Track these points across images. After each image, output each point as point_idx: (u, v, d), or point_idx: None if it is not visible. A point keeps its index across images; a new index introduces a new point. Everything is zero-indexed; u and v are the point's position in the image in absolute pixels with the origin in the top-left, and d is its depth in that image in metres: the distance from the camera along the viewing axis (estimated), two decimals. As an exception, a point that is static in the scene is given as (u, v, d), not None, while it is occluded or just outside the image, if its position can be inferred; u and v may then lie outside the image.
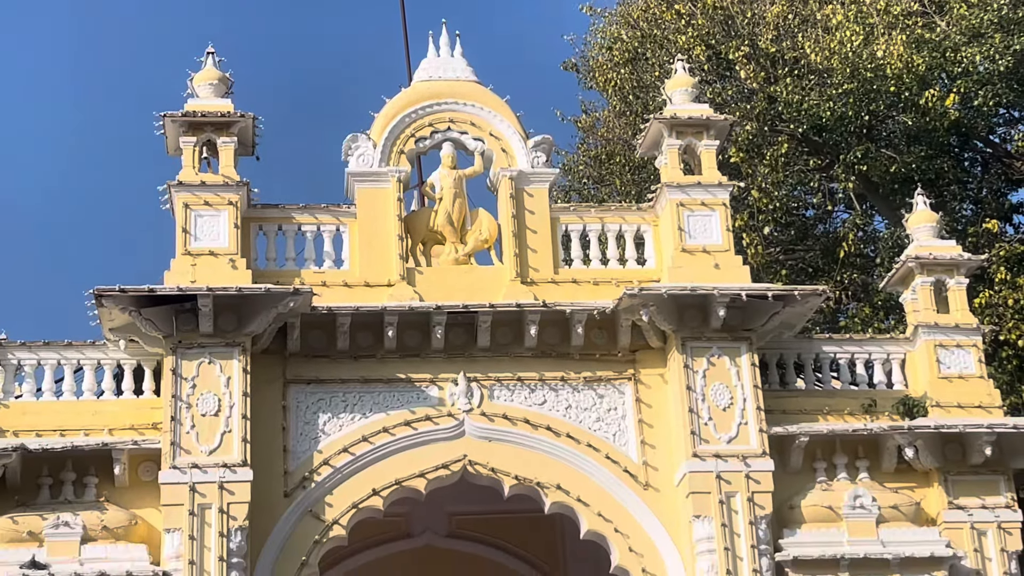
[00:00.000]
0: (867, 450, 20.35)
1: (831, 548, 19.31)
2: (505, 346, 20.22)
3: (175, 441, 18.73)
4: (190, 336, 19.14)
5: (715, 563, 18.95)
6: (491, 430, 19.93)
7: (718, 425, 19.68)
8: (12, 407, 19.49)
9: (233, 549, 18.37)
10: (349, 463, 19.53)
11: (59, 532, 18.31)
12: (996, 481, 20.30)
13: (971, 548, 19.86)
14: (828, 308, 27.74)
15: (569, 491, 19.72)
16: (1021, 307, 25.75)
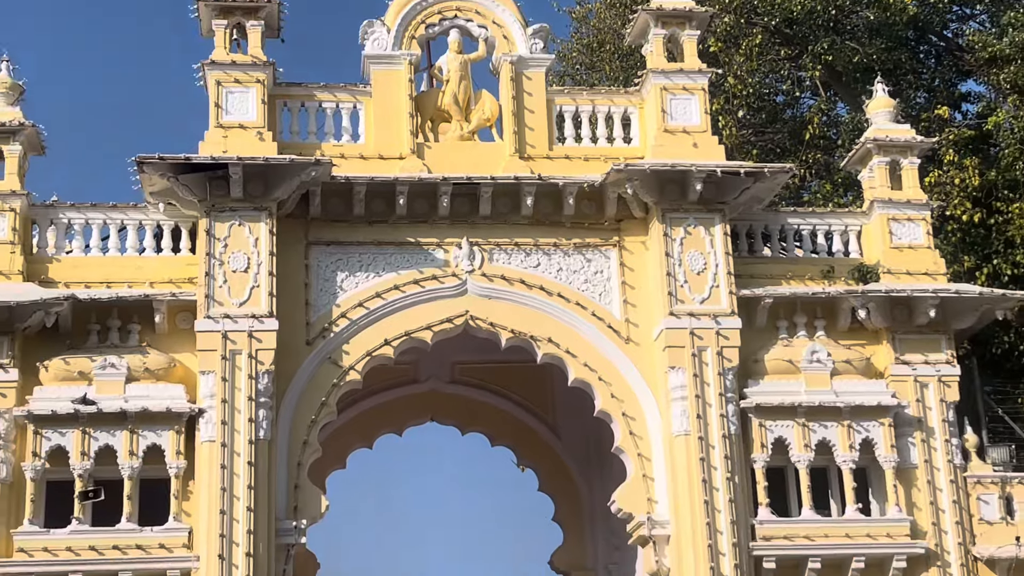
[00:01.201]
0: (824, 311, 20.70)
1: (790, 397, 19.75)
2: (504, 214, 20.45)
3: (209, 294, 19.05)
4: (222, 200, 19.36)
5: (687, 409, 19.38)
6: (490, 289, 20.23)
7: (692, 287, 20.00)
8: (63, 261, 19.79)
9: (261, 390, 18.79)
10: (364, 316, 19.86)
11: (106, 372, 18.71)
12: (938, 340, 20.68)
13: (914, 399, 20.26)
14: (794, 184, 27.82)
15: (559, 344, 20.09)
16: (966, 186, 25.86)
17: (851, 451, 19.70)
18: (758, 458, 19.63)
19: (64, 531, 18.18)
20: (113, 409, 18.49)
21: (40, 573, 18.02)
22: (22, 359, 18.90)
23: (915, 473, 20.02)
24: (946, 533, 19.76)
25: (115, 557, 18.15)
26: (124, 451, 18.44)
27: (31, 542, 18.10)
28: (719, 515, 19.01)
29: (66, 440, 18.40)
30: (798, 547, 19.35)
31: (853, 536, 19.54)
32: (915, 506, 19.86)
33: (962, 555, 19.70)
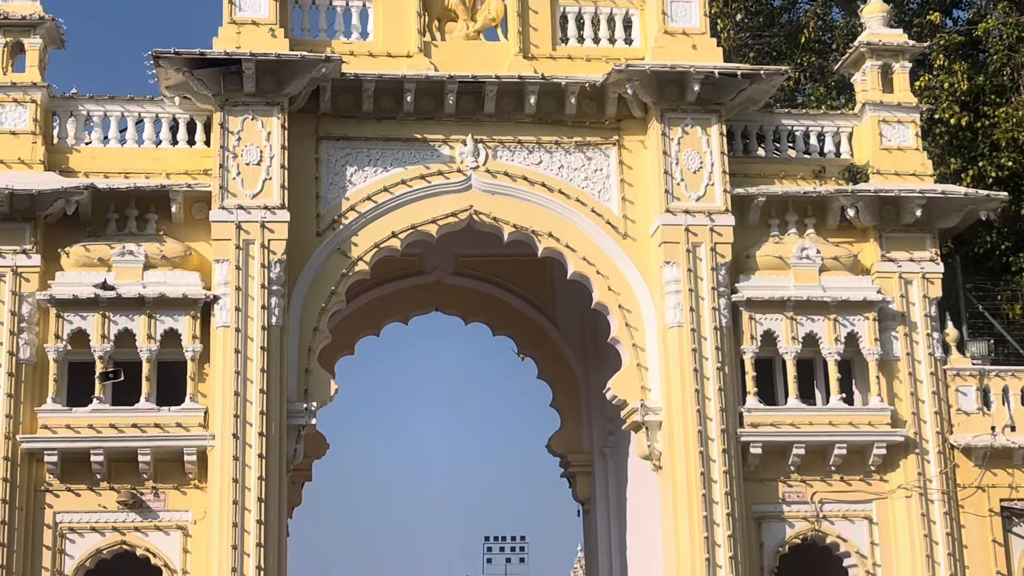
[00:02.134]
0: (815, 210, 20.46)
1: (779, 291, 19.61)
2: (508, 113, 20.12)
3: (223, 185, 18.83)
4: (235, 95, 19.05)
5: (680, 302, 19.27)
6: (494, 185, 19.99)
7: (688, 185, 19.78)
8: (83, 152, 19.53)
9: (273, 278, 18.66)
10: (372, 209, 19.66)
11: (125, 259, 18.59)
12: (923, 239, 20.49)
13: (898, 294, 20.14)
14: (788, 87, 27.49)
15: (559, 238, 19.92)
16: (955, 90, 25.62)
17: (836, 344, 19.61)
18: (747, 349, 19.56)
19: (86, 409, 18.21)
20: (132, 294, 18.38)
21: (63, 449, 18.03)
22: (44, 245, 18.75)
23: (897, 365, 19.97)
24: (925, 422, 19.77)
25: (134, 435, 18.19)
26: (142, 334, 18.38)
27: (54, 419, 18.14)
28: (709, 403, 19.00)
29: (87, 323, 18.35)
30: (783, 433, 19.37)
31: (836, 424, 19.54)
32: (896, 396, 19.85)
33: (940, 443, 19.71)
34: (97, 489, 18.24)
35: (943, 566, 19.20)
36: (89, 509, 18.24)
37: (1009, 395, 20.28)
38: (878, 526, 19.61)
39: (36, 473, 18.14)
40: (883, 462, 19.56)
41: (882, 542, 19.54)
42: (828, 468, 19.48)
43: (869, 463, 19.53)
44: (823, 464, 19.47)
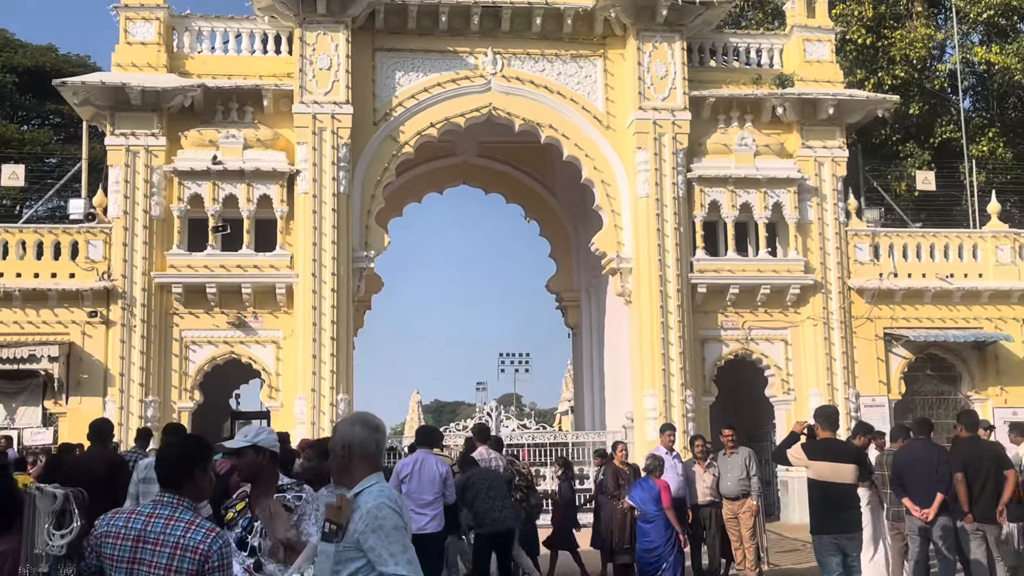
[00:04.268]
0: (752, 108, 20.46)
1: (723, 170, 19.75)
2: (520, 31, 19.97)
3: (302, 85, 18.85)
4: (311, 16, 18.94)
5: (648, 178, 19.44)
6: (508, 87, 19.99)
7: (656, 88, 19.74)
8: (196, 58, 19.52)
9: (340, 157, 18.81)
10: (415, 105, 19.71)
11: (229, 141, 18.73)
12: (834, 131, 20.51)
13: (814, 173, 20.27)
14: (735, 12, 27.20)
15: (557, 129, 20.01)
16: (862, 16, 25.41)
17: (765, 211, 19.82)
18: (698, 215, 19.75)
19: (202, 254, 18.56)
20: (234, 168, 18.58)
21: (186, 283, 18.44)
22: (168, 130, 18.88)
23: (811, 227, 20.21)
24: (829, 270, 20.09)
25: (238, 273, 18.55)
26: (243, 198, 18.63)
27: (179, 261, 18.51)
28: (668, 254, 19.29)
29: (201, 189, 18.59)
30: (723, 278, 19.70)
31: (763, 271, 19.87)
32: (809, 251, 20.13)
33: (840, 286, 20.06)
34: (211, 313, 18.69)
35: (839, 376, 19.74)
36: (206, 328, 18.73)
37: (894, 250, 20.55)
38: (791, 346, 20.07)
39: (166, 301, 18.59)
40: (797, 299, 19.93)
41: (794, 358, 20.03)
42: (755, 303, 19.86)
43: (786, 300, 19.91)
44: (752, 300, 19.84)
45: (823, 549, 8.08)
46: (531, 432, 21.93)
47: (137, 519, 3.49)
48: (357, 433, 3.79)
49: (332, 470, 3.89)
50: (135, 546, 3.43)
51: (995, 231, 20.93)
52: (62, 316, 18.29)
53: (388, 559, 3.50)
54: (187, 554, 3.39)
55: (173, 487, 3.59)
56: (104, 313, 18.27)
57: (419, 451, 10.01)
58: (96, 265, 18.41)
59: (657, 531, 10.56)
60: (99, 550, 3.50)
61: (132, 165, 18.61)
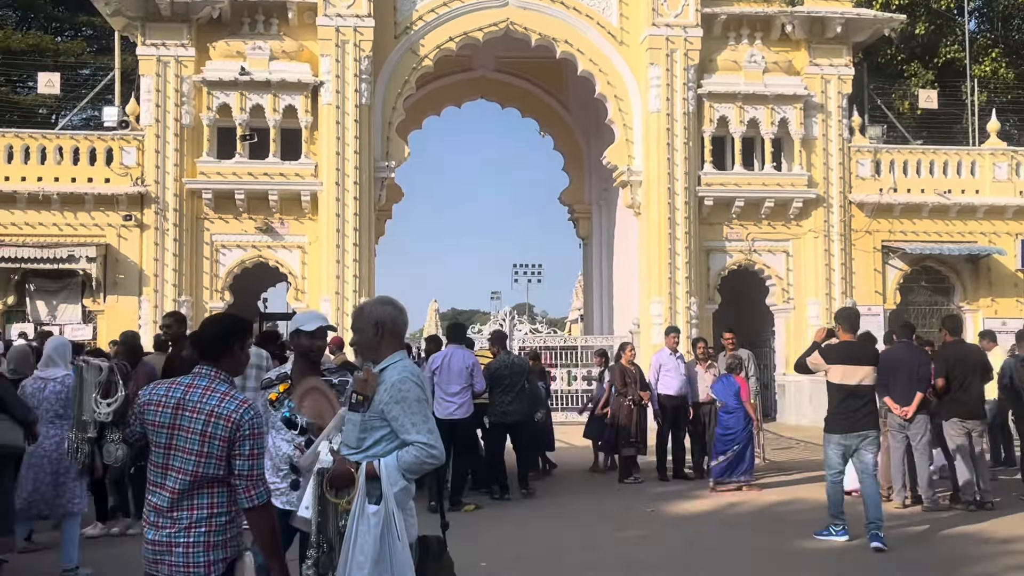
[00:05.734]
0: (762, 26, 20.06)
1: (733, 87, 19.49)
2: (537, -54, 19.63)
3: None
4: (334, -71, 18.60)
5: (660, 93, 19.23)
6: (526, 2, 19.59)
7: (669, 5, 19.35)
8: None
9: (363, 69, 18.64)
10: (434, 19, 19.43)
11: (255, 52, 18.55)
12: (841, 49, 20.14)
13: (820, 91, 19.98)
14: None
15: (572, 44, 19.72)
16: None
17: (772, 126, 19.61)
18: (707, 130, 19.57)
19: (230, 162, 18.55)
20: (261, 78, 18.43)
21: (215, 189, 18.47)
22: (197, 41, 18.69)
23: (815, 143, 20.01)
24: (832, 184, 19.96)
25: (265, 180, 18.57)
26: (269, 108, 18.53)
27: (209, 167, 18.52)
28: (676, 167, 19.19)
29: (229, 99, 18.48)
30: (729, 191, 19.60)
31: (768, 185, 19.75)
32: (812, 166, 19.97)
33: (842, 200, 19.95)
34: (240, 218, 18.76)
35: (837, 286, 19.78)
36: (235, 232, 18.82)
37: (894, 166, 20.38)
38: (793, 257, 20.07)
39: (197, 206, 18.66)
40: (799, 212, 19.85)
41: (795, 269, 20.04)
42: (760, 216, 19.79)
43: (789, 213, 19.82)
44: (756, 213, 19.77)
45: (830, 446, 8.16)
46: (542, 336, 22.12)
47: (176, 389, 3.63)
48: (388, 312, 3.89)
49: (361, 346, 3.99)
50: (175, 412, 3.58)
51: (993, 149, 20.69)
52: (98, 219, 18.41)
53: (410, 428, 3.63)
54: (220, 421, 3.53)
55: (211, 360, 3.73)
56: (138, 217, 18.38)
57: (449, 346, 10.34)
58: (130, 171, 18.45)
59: (736, 420, 11.17)
60: (142, 417, 3.65)
61: (163, 75, 18.49)
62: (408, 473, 3.62)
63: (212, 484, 3.55)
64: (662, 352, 12.57)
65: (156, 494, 3.55)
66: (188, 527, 3.50)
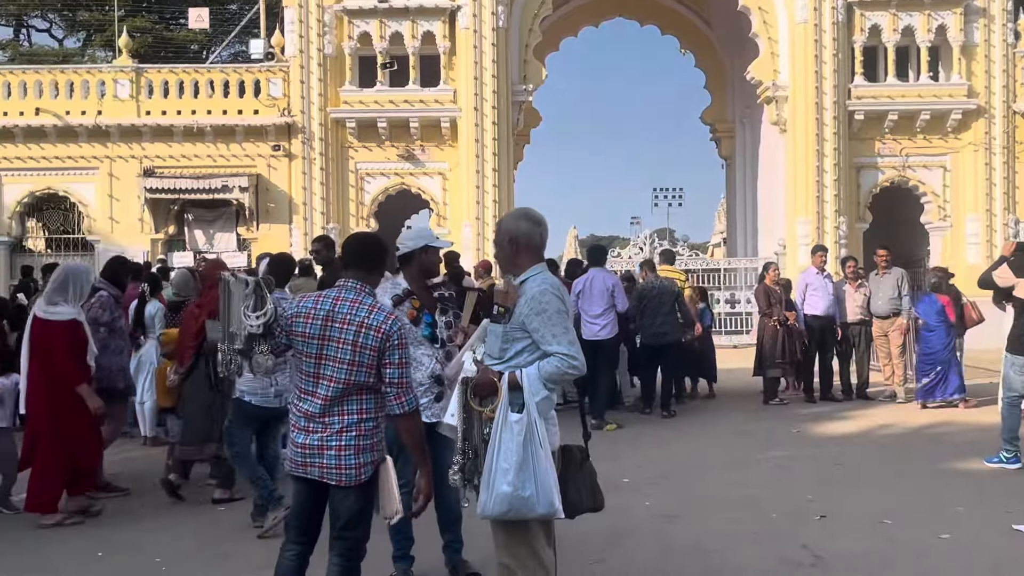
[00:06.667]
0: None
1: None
2: None
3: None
4: None
5: (807, 2, 18.50)
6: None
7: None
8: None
9: (499, -8, 18.52)
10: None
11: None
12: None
13: (982, -7, 18.72)
14: None
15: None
16: None
17: (928, 34, 18.56)
18: (857, 40, 18.68)
19: (372, 90, 18.82)
20: (400, 5, 18.55)
21: (358, 118, 18.81)
22: (336, -29, 18.89)
23: (976, 50, 18.84)
24: (994, 94, 18.81)
25: (406, 108, 18.79)
26: (408, 35, 18.65)
27: (351, 96, 18.85)
28: (825, 81, 18.46)
29: (369, 27, 18.68)
30: (881, 104, 18.74)
31: (923, 96, 18.77)
32: (972, 74, 18.84)
33: (1005, 110, 18.80)
34: (383, 146, 19.10)
35: (998, 201, 18.75)
36: (378, 160, 19.18)
37: (1066, 73, 19.00)
38: (950, 173, 19.11)
39: (342, 135, 19.07)
40: (958, 125, 18.83)
41: (952, 185, 19.10)
42: (914, 130, 18.88)
43: (947, 125, 18.83)
44: (911, 127, 18.85)
45: (1013, 368, 7.69)
46: (683, 259, 21.81)
47: (325, 301, 3.78)
48: (522, 227, 3.89)
49: (500, 260, 4.02)
50: (324, 324, 3.73)
51: None
52: (249, 150, 19.06)
53: (551, 339, 3.65)
54: (371, 332, 3.68)
55: (357, 274, 3.85)
56: (286, 147, 18.94)
57: (591, 269, 10.40)
58: (276, 102, 18.98)
59: (938, 338, 11.02)
60: (290, 329, 3.82)
61: (305, 5, 18.79)
62: (549, 383, 3.65)
63: (361, 391, 3.71)
64: (809, 271, 12.22)
65: (307, 401, 3.72)
66: (339, 431, 3.68)
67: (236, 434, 6.07)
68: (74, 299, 6.39)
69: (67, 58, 29.02)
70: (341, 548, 3.77)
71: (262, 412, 6.01)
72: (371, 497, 3.76)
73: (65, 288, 6.36)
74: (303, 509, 3.84)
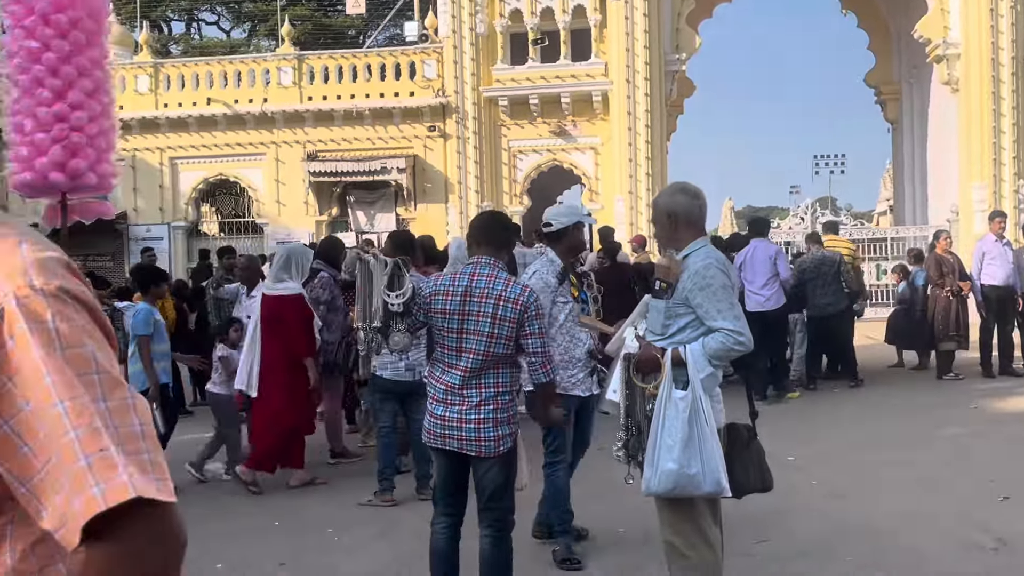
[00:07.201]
0: None
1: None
2: None
3: None
4: None
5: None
6: None
7: None
8: None
9: (650, -40, 18.19)
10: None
11: (543, -45, 18.55)
12: None
13: None
14: None
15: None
16: None
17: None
18: (1038, -11, 17.44)
19: (523, 67, 18.90)
20: (550, -19, 18.49)
21: (510, 96, 18.93)
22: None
23: None
24: None
25: (557, 83, 18.78)
26: (559, 9, 18.61)
27: (503, 74, 18.99)
28: (1001, 36, 17.37)
29: (520, 3, 18.74)
30: (1066, 58, 17.45)
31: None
32: None
33: None
34: (535, 123, 19.18)
35: None
36: (530, 137, 19.29)
37: None
38: None
39: (494, 113, 19.25)
40: None
41: None
42: (1104, 84, 17.49)
43: None
44: (1100, 81, 17.48)
45: None
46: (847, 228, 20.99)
47: (461, 278, 3.93)
48: (680, 201, 3.81)
49: (659, 238, 3.97)
50: (463, 299, 3.88)
51: None
52: (405, 131, 19.49)
53: (715, 314, 3.56)
54: (509, 304, 3.82)
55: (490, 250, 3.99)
56: (441, 127, 19.26)
57: (752, 240, 10.21)
58: (431, 83, 19.30)
59: None
60: (428, 307, 3.98)
61: (457, -15, 19.03)
62: (714, 360, 3.57)
63: (498, 364, 3.87)
64: (986, 239, 11.53)
65: (449, 373, 3.89)
66: (477, 404, 3.85)
67: (379, 408, 6.33)
68: (296, 276, 6.83)
69: (234, 49, 30.38)
70: (490, 519, 3.93)
71: (396, 386, 6.21)
72: (512, 469, 3.92)
73: (288, 266, 6.80)
74: (446, 480, 4.02)
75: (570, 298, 4.98)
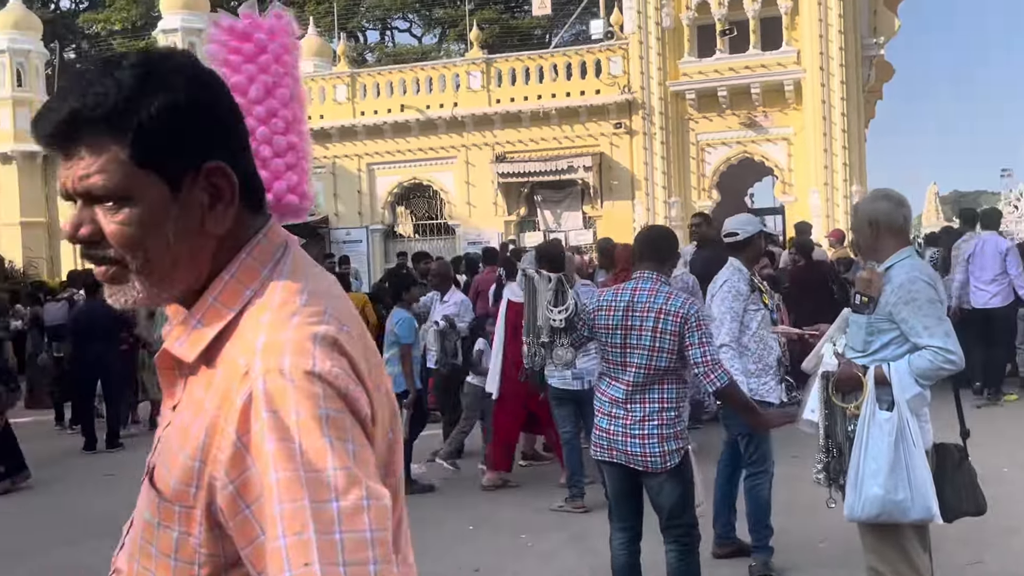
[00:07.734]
0: None
1: None
2: None
3: None
4: None
5: None
6: None
7: None
8: None
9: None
10: None
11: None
12: None
13: None
14: None
15: None
16: None
17: None
18: None
19: (711, 59, 18.51)
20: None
21: (697, 89, 18.57)
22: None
23: None
24: None
25: (747, 74, 18.30)
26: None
27: (690, 68, 18.65)
28: None
29: None
30: None
31: None
32: None
33: None
34: (724, 115, 18.74)
35: None
36: (719, 130, 18.88)
37: None
38: None
39: (681, 107, 18.96)
40: None
41: None
42: None
43: None
44: None
45: None
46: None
47: (623, 293, 3.97)
48: (882, 208, 3.62)
49: (860, 247, 3.81)
50: (625, 314, 3.91)
51: None
52: (591, 129, 19.50)
53: (922, 331, 3.36)
54: (670, 317, 3.82)
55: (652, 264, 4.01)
56: (627, 124, 19.15)
57: (984, 233, 9.78)
58: (617, 80, 19.23)
59: None
60: (592, 323, 4.03)
61: (643, -21, 18.86)
62: (922, 379, 3.37)
63: (663, 380, 3.85)
64: None
65: (614, 387, 3.93)
66: (641, 420, 3.85)
67: (557, 415, 6.44)
68: None
69: (425, 55, 31.25)
70: (674, 535, 3.93)
71: (565, 394, 6.25)
72: (687, 483, 3.89)
73: None
74: (617, 493, 4.04)
75: (762, 305, 4.87)
